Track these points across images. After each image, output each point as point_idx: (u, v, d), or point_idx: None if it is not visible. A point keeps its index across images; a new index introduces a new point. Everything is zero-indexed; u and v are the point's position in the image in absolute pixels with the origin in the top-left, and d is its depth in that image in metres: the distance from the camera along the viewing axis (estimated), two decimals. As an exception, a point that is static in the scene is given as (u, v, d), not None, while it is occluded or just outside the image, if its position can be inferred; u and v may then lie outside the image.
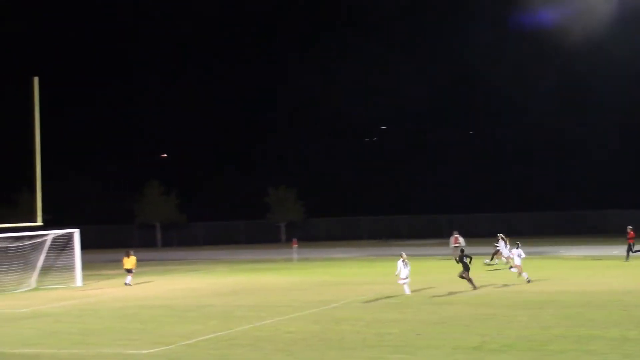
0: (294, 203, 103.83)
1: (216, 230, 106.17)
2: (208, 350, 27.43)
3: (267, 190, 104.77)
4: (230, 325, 32.41)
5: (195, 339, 29.63)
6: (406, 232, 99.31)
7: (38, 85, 54.18)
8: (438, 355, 25.13)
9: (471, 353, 25.36)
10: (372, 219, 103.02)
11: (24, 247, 53.28)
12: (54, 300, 44.54)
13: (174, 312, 37.52)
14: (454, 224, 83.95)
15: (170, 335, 30.55)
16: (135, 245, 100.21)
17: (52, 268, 54.75)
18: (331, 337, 29.01)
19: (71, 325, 34.50)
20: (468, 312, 33.86)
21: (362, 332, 29.67)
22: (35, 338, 31.30)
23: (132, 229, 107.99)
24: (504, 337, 27.94)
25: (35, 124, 53.83)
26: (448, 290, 41.87)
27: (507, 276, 47.25)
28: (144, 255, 74.74)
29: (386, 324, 30.93)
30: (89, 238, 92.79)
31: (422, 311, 34.49)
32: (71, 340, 30.48)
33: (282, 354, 26.28)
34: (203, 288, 48.03)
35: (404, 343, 27.31)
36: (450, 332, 29.12)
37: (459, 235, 62.83)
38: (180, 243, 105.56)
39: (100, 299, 44.51)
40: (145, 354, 27.02)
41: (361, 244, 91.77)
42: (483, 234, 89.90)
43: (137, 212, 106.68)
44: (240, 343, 28.49)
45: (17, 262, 52.67)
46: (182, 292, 46.72)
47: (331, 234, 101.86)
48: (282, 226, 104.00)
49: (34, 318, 37.32)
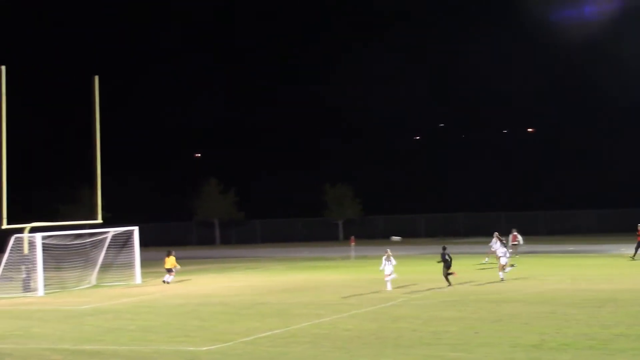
0: (351, 200, 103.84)
1: (274, 228, 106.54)
2: (266, 347, 27.52)
3: (324, 188, 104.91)
4: (288, 323, 32.50)
5: (253, 336, 29.75)
6: (463, 229, 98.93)
7: (98, 84, 54.80)
8: (496, 354, 24.98)
9: (530, 351, 25.18)
10: (430, 216, 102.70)
11: (85, 245, 53.86)
12: (114, 298, 44.97)
13: (232, 309, 37.69)
14: (512, 221, 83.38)
15: (228, 333, 30.71)
16: (193, 243, 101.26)
17: (112, 265, 55.31)
18: (388, 335, 28.98)
19: (131, 322, 34.82)
20: (527, 310, 33.63)
21: (419, 330, 29.59)
22: (96, 334, 31.64)
23: (191, 226, 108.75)
24: (563, 335, 27.72)
25: (95, 122, 54.40)
26: (506, 288, 41.68)
27: (570, 273, 46.86)
28: (202, 253, 75.45)
29: (443, 322, 30.83)
30: (148, 236, 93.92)
31: (481, 309, 34.31)
32: (131, 336, 30.76)
33: (340, 351, 26.31)
34: (261, 285, 48.19)
35: (461, 341, 27.20)
36: (508, 330, 28.95)
37: (518, 233, 62.46)
38: (238, 240, 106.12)
39: (158, 296, 44.85)
40: (204, 351, 27.17)
41: (419, 241, 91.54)
42: (543, 232, 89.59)
43: (195, 209, 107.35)
44: (298, 340, 28.56)
45: (78, 259, 53.26)
46: (240, 289, 46.91)
47: (389, 231, 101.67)
48: (339, 224, 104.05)
49: (95, 315, 37.72)
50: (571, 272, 46.47)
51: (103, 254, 54.41)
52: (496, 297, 38.13)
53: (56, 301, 44.35)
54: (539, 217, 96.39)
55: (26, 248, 49.30)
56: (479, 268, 54.55)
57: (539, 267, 52.47)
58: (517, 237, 61.81)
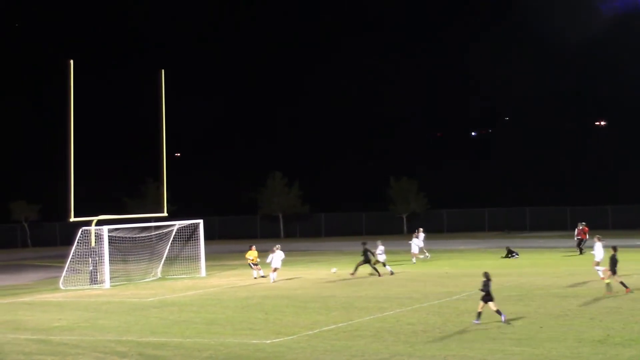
0: (416, 194, 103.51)
1: (338, 221, 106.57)
2: (330, 340, 27.57)
3: (388, 182, 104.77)
4: (352, 317, 32.52)
5: (318, 329, 29.82)
6: (530, 223, 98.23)
7: (164, 78, 55.25)
8: (561, 349, 24.78)
9: (596, 346, 24.96)
10: (495, 210, 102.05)
11: (151, 238, 54.37)
12: (179, 290, 45.33)
13: (296, 302, 37.79)
14: (579, 216, 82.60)
15: (292, 326, 30.82)
16: (258, 236, 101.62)
17: (177, 258, 55.74)
18: (452, 329, 28.89)
19: (196, 314, 35.08)
20: (592, 305, 33.33)
21: (484, 324, 29.44)
22: (161, 327, 31.93)
23: (256, 219, 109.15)
24: (629, 331, 27.43)
25: (161, 116, 54.85)
26: (572, 282, 41.32)
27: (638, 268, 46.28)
28: (266, 246, 75.48)
29: (508, 316, 30.63)
30: (213, 229, 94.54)
31: (546, 304, 34.06)
32: (196, 329, 30.99)
33: (404, 345, 26.27)
34: (325, 279, 48.24)
35: (526, 336, 27.03)
36: (573, 325, 28.71)
37: (585, 227, 61.90)
38: (302, 234, 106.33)
39: (223, 289, 45.11)
40: (269, 344, 27.30)
41: (484, 235, 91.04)
42: (609, 226, 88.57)
43: (260, 203, 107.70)
44: (361, 334, 28.57)
45: (144, 252, 53.82)
46: (304, 282, 47.02)
47: (454, 225, 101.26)
48: (404, 217, 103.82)
49: (160, 307, 38.06)
50: (639, 267, 45.85)
51: (168, 247, 54.85)
52: (562, 292, 37.82)
53: (122, 293, 44.83)
54: (606, 211, 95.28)
55: (93, 241, 49.89)
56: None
57: (606, 262, 51.82)
58: (585, 231, 61.17)
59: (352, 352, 25.53)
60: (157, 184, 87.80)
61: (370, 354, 25.14)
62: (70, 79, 49.71)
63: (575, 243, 61.48)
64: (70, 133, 49.36)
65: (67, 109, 49.68)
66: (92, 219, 50.60)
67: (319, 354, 25.47)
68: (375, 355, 24.84)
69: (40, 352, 27.17)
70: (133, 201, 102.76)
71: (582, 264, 50.08)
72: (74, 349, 27.52)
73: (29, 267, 69.68)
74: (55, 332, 31.53)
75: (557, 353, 24.17)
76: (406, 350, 25.43)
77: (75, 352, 27.08)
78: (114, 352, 26.90)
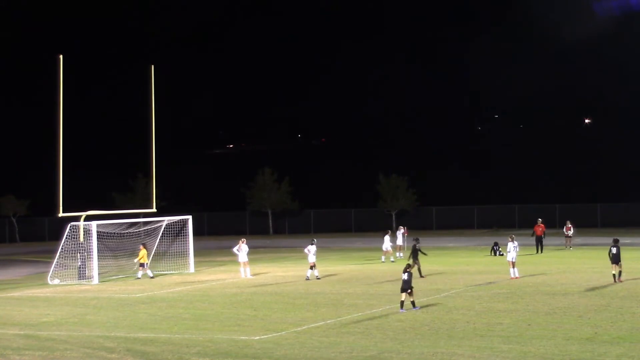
0: (405, 191, 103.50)
1: (327, 218, 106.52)
2: (318, 337, 27.56)
3: (378, 179, 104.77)
4: (341, 313, 32.52)
5: (306, 326, 29.81)
6: (518, 220, 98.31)
7: (153, 73, 55.19)
8: (550, 346, 24.80)
9: (584, 344, 24.98)
10: (484, 208, 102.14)
11: (139, 233, 54.31)
12: (168, 286, 45.30)
13: (284, 299, 37.79)
14: (567, 213, 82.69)
15: (280, 322, 30.81)
16: (247, 232, 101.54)
17: (166, 254, 55.69)
18: (441, 326, 28.89)
19: (184, 310, 35.05)
20: (581, 302, 33.35)
21: (473, 321, 29.46)
22: (149, 322, 31.90)
23: (245, 216, 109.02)
24: (617, 328, 27.46)
25: (151, 112, 54.79)
26: (560, 280, 41.38)
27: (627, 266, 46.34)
28: (255, 243, 75.54)
29: (497, 314, 30.67)
30: (202, 225, 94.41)
31: (535, 301, 34.07)
32: (184, 325, 30.95)
33: (392, 342, 26.27)
34: (313, 275, 48.19)
35: (515, 333, 27.05)
36: (562, 323, 28.73)
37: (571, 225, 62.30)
38: (291, 230, 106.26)
39: (212, 285, 45.07)
40: (257, 340, 27.28)
41: (473, 232, 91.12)
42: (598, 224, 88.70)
43: (249, 199, 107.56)
44: (350, 331, 28.56)
45: (133, 247, 53.72)
46: (293, 279, 47.00)
47: (443, 222, 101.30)
48: (393, 214, 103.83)
49: (149, 303, 38.02)
50: (627, 265, 45.86)
51: (157, 243, 54.79)
52: (550, 290, 37.84)
53: (110, 289, 44.78)
54: (594, 209, 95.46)
55: (82, 236, 49.81)
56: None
57: (595, 260, 51.94)
58: (570, 229, 61.61)
59: (340, 348, 25.52)
60: (146, 179, 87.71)
61: (359, 350, 25.13)
62: (59, 74, 49.56)
63: (564, 241, 62.02)
64: (59, 128, 49.23)
65: (57, 104, 49.57)
66: (81, 214, 50.53)
67: (307, 350, 25.44)
68: (364, 352, 24.83)
69: (28, 348, 27.10)
70: (122, 197, 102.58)
71: (571, 262, 50.19)
72: (62, 345, 27.46)
73: (18, 262, 69.56)
74: (44, 327, 31.48)
75: (545, 351, 24.18)
76: (395, 347, 25.41)
77: (64, 347, 27.02)
78: (102, 347, 26.85)
